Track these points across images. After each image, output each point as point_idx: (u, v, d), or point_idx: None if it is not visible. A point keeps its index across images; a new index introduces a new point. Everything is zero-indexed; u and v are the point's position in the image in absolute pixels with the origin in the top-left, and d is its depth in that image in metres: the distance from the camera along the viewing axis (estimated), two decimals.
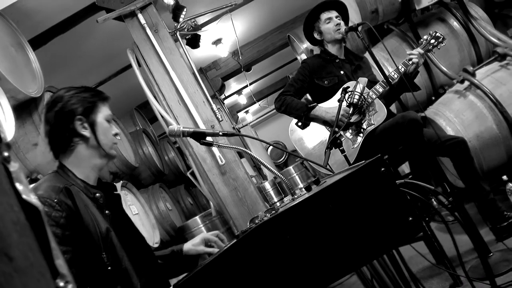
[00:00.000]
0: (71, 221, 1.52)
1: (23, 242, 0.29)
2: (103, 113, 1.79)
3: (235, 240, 1.09)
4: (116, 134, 1.82)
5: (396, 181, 1.01)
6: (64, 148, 1.71)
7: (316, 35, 3.24)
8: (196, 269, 1.03)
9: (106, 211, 1.69)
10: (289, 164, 11.64)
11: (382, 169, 0.89)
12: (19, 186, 0.32)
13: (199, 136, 1.74)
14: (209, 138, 1.82)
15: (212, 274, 0.94)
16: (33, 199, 0.32)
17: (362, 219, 0.91)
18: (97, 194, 1.69)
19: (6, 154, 0.32)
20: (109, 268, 1.54)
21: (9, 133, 2.70)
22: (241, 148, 1.77)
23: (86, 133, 1.71)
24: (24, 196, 0.31)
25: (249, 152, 1.71)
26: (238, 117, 10.25)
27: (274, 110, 3.33)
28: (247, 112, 11.48)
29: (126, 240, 1.68)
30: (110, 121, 1.82)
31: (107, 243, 1.58)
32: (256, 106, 10.84)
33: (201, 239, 1.96)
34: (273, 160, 11.65)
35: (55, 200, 1.52)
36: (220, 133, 1.72)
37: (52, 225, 1.47)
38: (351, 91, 2.66)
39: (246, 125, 10.45)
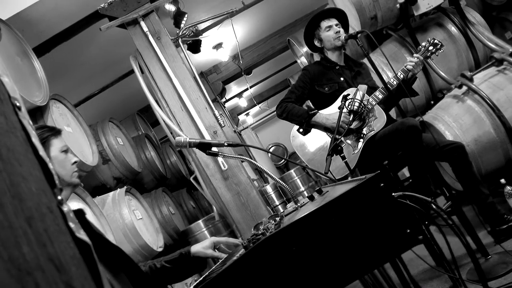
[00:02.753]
0: None
1: (80, 274, 0.34)
2: (56, 146, 1.85)
3: (243, 251, 1.15)
4: (75, 162, 1.88)
5: (395, 193, 1.07)
6: None
7: (316, 43, 3.29)
8: (204, 281, 1.08)
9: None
10: (289, 166, 11.68)
11: (382, 184, 0.95)
12: (71, 225, 0.38)
13: (205, 147, 1.80)
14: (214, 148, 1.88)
15: (222, 284, 0.99)
16: (83, 236, 0.38)
17: (363, 231, 0.96)
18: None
19: (59, 197, 0.38)
20: None
21: None
22: (246, 158, 1.83)
23: None
24: (76, 234, 0.37)
25: (254, 161, 1.76)
26: (238, 119, 10.31)
27: (275, 113, 3.38)
28: (247, 114, 11.54)
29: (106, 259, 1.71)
30: (66, 151, 1.88)
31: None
32: (256, 109, 10.91)
33: (210, 242, 2.01)
34: (273, 162, 11.69)
35: None
36: (225, 144, 1.78)
37: None
38: (351, 99, 2.71)
39: (247, 127, 10.50)
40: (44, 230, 0.33)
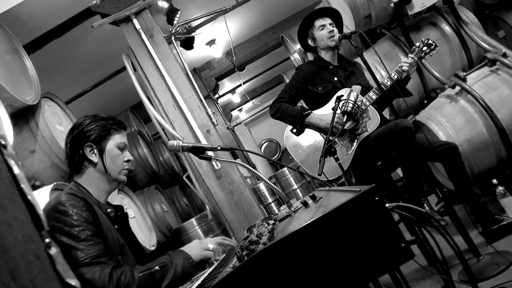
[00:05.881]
0: (96, 223, 1.67)
1: None
2: (115, 141, 1.91)
3: (236, 261, 1.14)
4: (128, 161, 1.93)
5: (389, 205, 1.07)
6: (77, 169, 1.87)
7: (310, 42, 3.28)
8: None
9: (116, 226, 1.83)
10: (283, 162, 11.68)
11: (376, 198, 0.94)
12: (59, 268, 0.36)
13: (198, 151, 1.80)
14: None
15: None
16: (71, 280, 0.37)
17: (357, 245, 0.96)
18: (109, 210, 1.85)
19: (47, 240, 0.36)
20: None
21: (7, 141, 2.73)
22: (241, 163, 1.82)
23: (94, 158, 1.86)
24: (66, 279, 0.36)
25: (248, 166, 1.75)
26: (231, 115, 10.29)
27: (267, 108, 3.37)
28: (240, 110, 11.52)
29: (133, 253, 1.83)
30: (123, 149, 1.93)
31: (123, 250, 1.75)
32: (249, 105, 10.90)
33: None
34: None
35: (81, 204, 1.66)
36: (219, 148, 1.77)
37: (83, 222, 1.61)
38: (345, 100, 2.70)
39: (240, 123, 10.48)
40: (30, 281, 0.32)
